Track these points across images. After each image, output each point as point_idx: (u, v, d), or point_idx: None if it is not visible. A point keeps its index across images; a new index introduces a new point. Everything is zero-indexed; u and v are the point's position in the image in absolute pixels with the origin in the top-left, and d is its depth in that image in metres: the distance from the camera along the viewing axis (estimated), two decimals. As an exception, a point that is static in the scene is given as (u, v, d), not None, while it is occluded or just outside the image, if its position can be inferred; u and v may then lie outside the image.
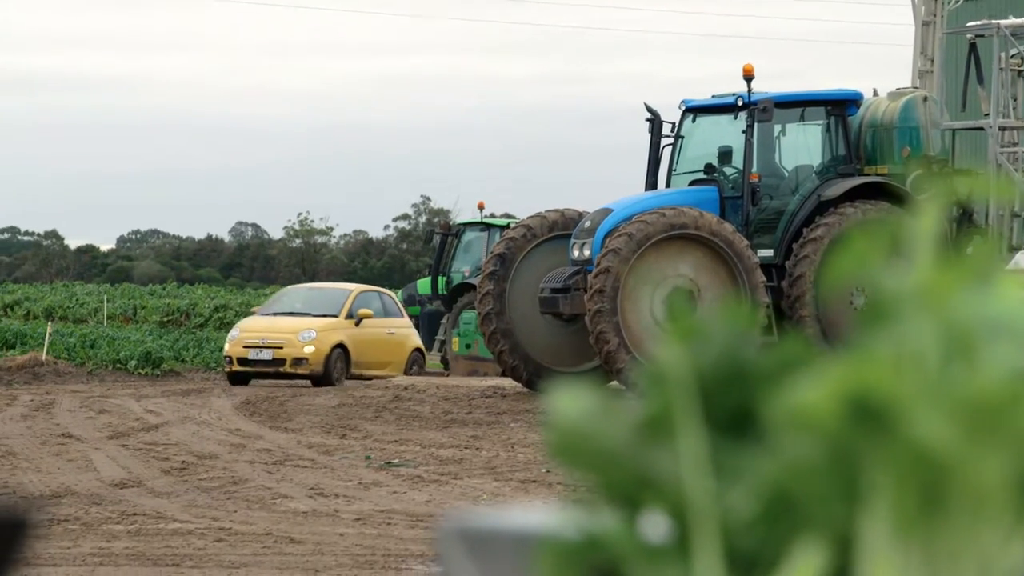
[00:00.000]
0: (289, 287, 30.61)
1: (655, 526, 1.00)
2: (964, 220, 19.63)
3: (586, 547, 1.01)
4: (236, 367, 26.49)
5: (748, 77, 20.03)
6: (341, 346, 26.43)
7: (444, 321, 28.95)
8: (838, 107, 20.42)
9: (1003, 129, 20.76)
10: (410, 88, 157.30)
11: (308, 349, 26.24)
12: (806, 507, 0.96)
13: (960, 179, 0.97)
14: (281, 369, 26.28)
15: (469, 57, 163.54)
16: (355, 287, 28.50)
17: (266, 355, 26.30)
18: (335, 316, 26.79)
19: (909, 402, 0.93)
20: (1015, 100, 20.87)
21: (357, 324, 26.65)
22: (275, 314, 27.20)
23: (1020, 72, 20.94)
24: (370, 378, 25.88)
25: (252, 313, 28.98)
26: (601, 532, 1.00)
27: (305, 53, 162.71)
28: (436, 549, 1.17)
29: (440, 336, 29.22)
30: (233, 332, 27.13)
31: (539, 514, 1.13)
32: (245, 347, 26.43)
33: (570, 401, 1.01)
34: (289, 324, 26.55)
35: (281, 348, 26.28)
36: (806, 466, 0.96)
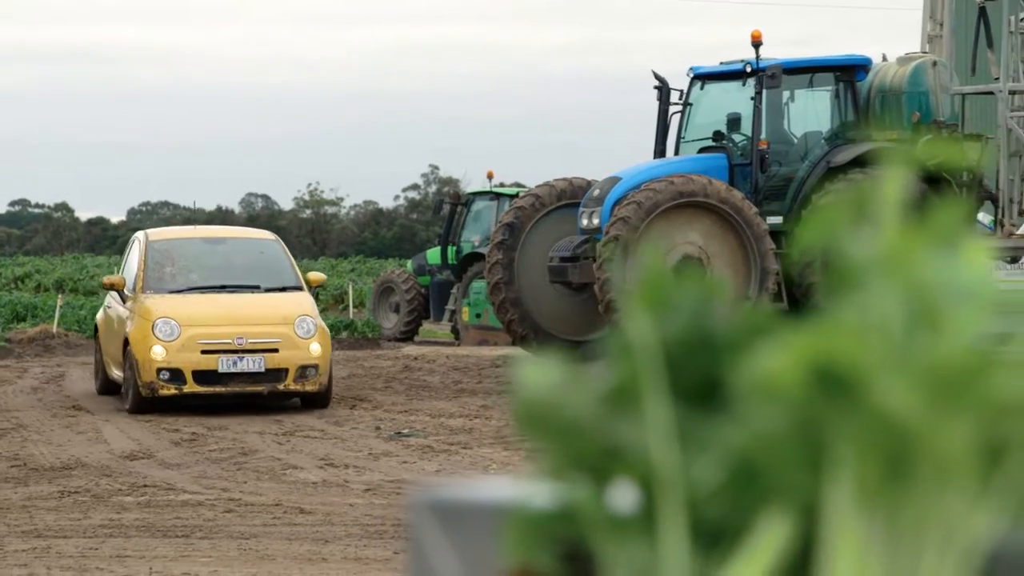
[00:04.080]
0: (156, 235, 17.68)
1: (622, 496, 1.00)
2: (974, 186, 19.59)
3: (553, 518, 1.01)
4: (192, 387, 16.27)
5: (756, 43, 19.98)
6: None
7: (454, 291, 28.94)
8: (847, 73, 20.37)
9: (1013, 93, 20.70)
10: (425, 57, 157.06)
11: (315, 350, 16.55)
12: (772, 476, 0.96)
13: (954, 146, 0.96)
14: (280, 386, 16.45)
15: (468, 25, 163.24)
16: (267, 234, 18.27)
17: (251, 364, 16.26)
18: (299, 288, 17.10)
19: (873, 370, 0.93)
20: (1024, 64, 20.81)
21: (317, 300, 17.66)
22: (195, 289, 16.77)
23: (1030, 36, 20.87)
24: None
25: (117, 289, 17.24)
26: (568, 503, 1.00)
27: (324, 22, 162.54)
28: (407, 521, 1.17)
29: (450, 306, 29.22)
30: (162, 328, 16.24)
31: (508, 486, 1.13)
32: (206, 352, 16.15)
33: (535, 372, 1.01)
34: (259, 308, 16.53)
35: (275, 352, 16.31)
36: (771, 435, 0.95)
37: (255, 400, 16.56)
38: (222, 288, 17.02)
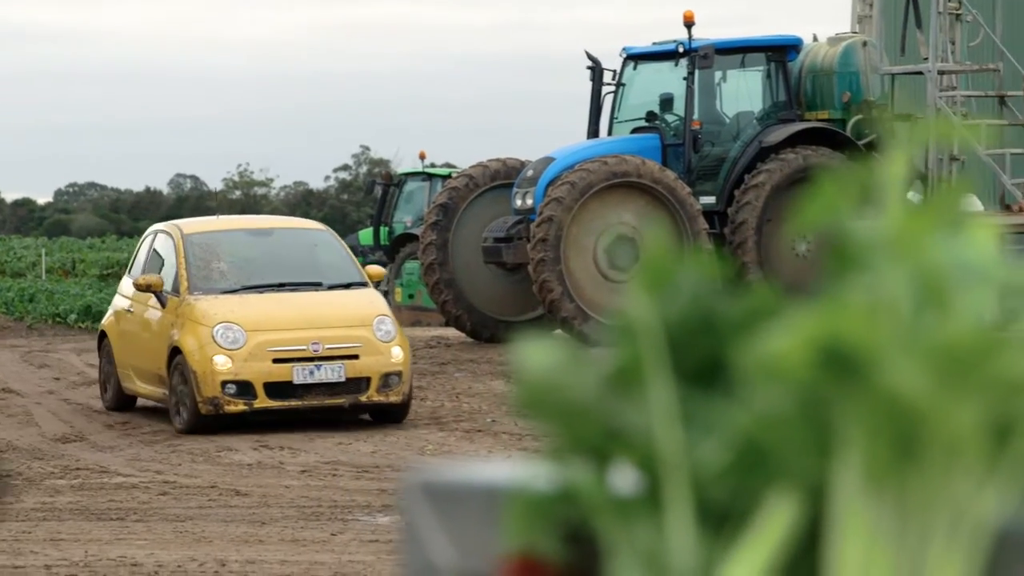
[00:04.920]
0: (192, 228, 15.60)
1: (625, 479, 0.99)
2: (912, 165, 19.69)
3: (556, 501, 1.00)
4: (264, 401, 14.22)
5: (688, 23, 20.01)
6: None
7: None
8: (778, 53, 20.44)
9: (942, 73, 20.85)
10: (356, 37, 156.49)
11: (397, 355, 14.62)
12: (778, 457, 0.95)
13: (920, 125, 0.96)
14: (362, 398, 14.46)
15: (400, 5, 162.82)
16: (316, 224, 16.79)
17: (330, 373, 14.32)
18: (363, 284, 15.36)
19: (881, 350, 0.92)
20: (953, 44, 20.96)
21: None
22: (250, 288, 14.83)
23: (958, 16, 21.02)
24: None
25: (155, 290, 14.96)
26: (571, 486, 0.99)
27: (255, 2, 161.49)
28: (400, 503, 1.16)
29: (383, 287, 29.15)
30: (224, 334, 14.30)
31: (505, 468, 1.12)
32: (279, 361, 14.20)
33: (538, 353, 1.00)
34: (330, 309, 14.68)
35: (356, 359, 14.39)
36: (777, 416, 0.95)
37: (330, 415, 14.50)
38: (280, 287, 14.83)
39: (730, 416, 0.96)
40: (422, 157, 31.29)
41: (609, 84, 20.61)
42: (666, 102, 20.25)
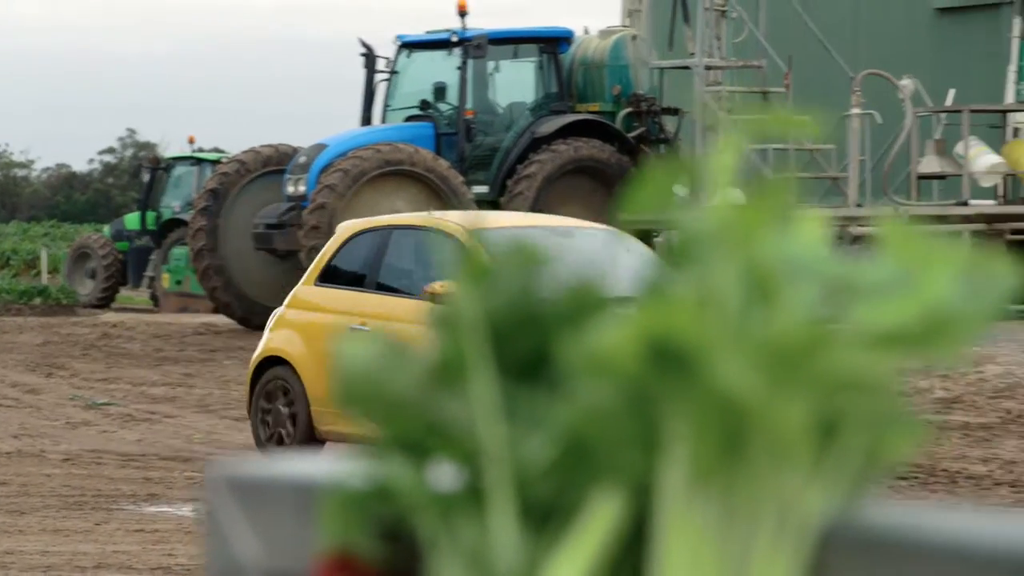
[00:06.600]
0: (489, 223, 12.64)
1: (447, 474, 0.96)
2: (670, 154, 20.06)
3: (373, 497, 0.97)
4: None
5: (462, 12, 20.05)
6: None
7: (153, 257, 28.47)
8: (550, 45, 20.59)
9: (708, 68, 21.20)
10: (123, 18, 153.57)
11: None
12: (604, 454, 0.93)
13: (758, 117, 0.95)
14: None
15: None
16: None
17: None
18: None
19: (709, 346, 0.91)
20: (719, 40, 21.32)
21: None
22: None
23: (723, 13, 21.40)
24: None
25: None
26: (389, 481, 0.96)
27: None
28: (204, 497, 1.12)
29: (149, 272, 28.72)
30: None
31: (320, 463, 1.08)
32: None
33: (358, 347, 0.97)
34: None
35: None
36: (604, 412, 0.93)
37: None
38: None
39: (555, 412, 0.94)
40: (191, 141, 30.88)
41: (383, 72, 20.55)
42: (440, 91, 20.27)
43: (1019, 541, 0.89)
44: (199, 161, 28.89)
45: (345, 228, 12.68)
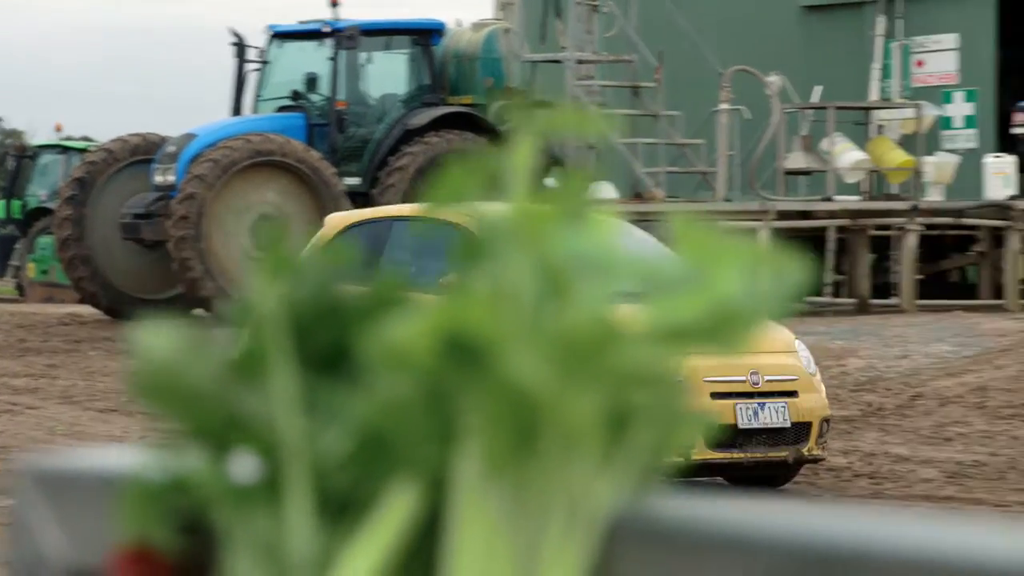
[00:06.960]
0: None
1: (245, 467, 0.97)
2: (542, 152, 20.07)
3: (171, 489, 0.97)
4: (703, 452, 10.32)
5: (334, 3, 19.98)
6: None
7: (18, 246, 28.10)
8: (422, 36, 20.57)
9: (580, 62, 21.30)
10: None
11: (823, 391, 11.41)
12: (400, 447, 0.94)
13: (553, 113, 0.96)
14: (804, 450, 10.96)
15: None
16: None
17: (773, 415, 10.87)
18: None
19: (503, 340, 0.92)
20: (590, 34, 21.43)
21: None
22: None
23: (595, 7, 21.51)
24: None
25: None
26: (186, 474, 0.96)
27: None
28: (11, 491, 1.11)
29: (14, 261, 28.34)
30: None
31: (121, 455, 1.08)
32: (718, 396, 10.64)
33: (156, 336, 0.97)
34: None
35: (794, 396, 11.01)
36: (400, 405, 0.94)
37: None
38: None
39: (353, 404, 0.95)
40: (58, 129, 30.49)
41: (254, 61, 20.42)
42: (311, 82, 20.19)
43: (803, 530, 0.91)
44: (66, 149, 28.55)
45: (334, 221, 12.25)
